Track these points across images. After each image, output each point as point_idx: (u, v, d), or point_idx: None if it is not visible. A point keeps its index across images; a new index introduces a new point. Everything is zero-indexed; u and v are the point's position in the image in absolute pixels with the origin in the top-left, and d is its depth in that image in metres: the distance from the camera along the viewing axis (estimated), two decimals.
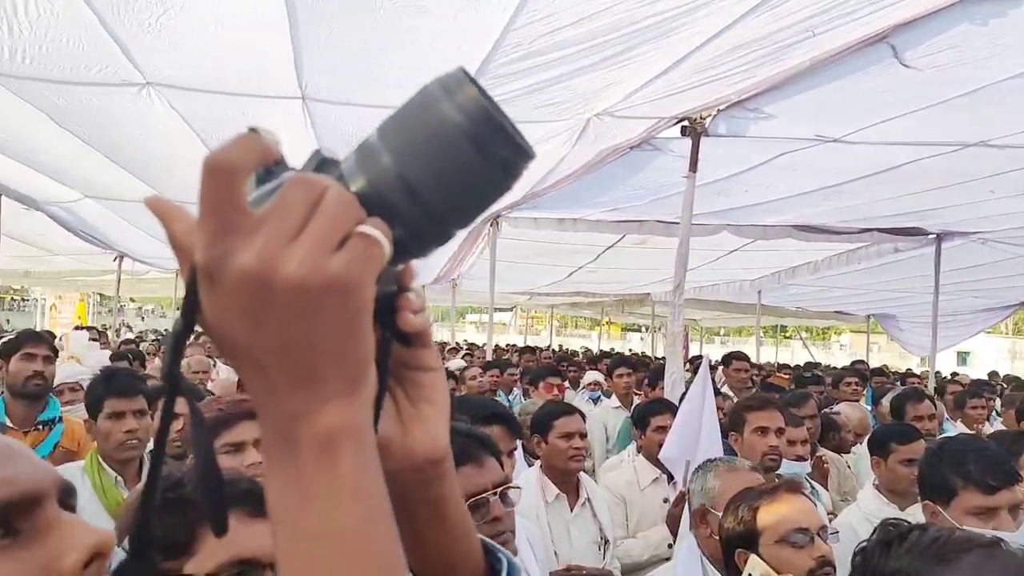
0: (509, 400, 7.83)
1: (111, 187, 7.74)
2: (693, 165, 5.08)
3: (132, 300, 43.86)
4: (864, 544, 1.33)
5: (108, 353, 5.63)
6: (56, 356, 3.57)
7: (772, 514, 2.05)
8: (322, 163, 0.60)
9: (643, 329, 33.65)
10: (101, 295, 29.00)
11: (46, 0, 3.58)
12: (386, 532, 0.57)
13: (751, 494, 2.15)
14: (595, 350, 21.49)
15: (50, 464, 0.83)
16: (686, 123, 4.94)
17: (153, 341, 15.90)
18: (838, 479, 5.00)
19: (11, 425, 3.34)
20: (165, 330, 21.82)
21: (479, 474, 1.78)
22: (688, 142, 5.03)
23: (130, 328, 25.41)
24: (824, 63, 3.83)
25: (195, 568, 1.22)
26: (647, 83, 4.26)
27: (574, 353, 19.58)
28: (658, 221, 7.96)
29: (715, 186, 6.11)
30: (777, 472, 3.46)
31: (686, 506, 2.84)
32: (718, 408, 3.94)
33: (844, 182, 6.08)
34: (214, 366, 6.73)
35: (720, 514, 2.25)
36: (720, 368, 8.11)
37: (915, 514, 2.58)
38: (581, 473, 3.27)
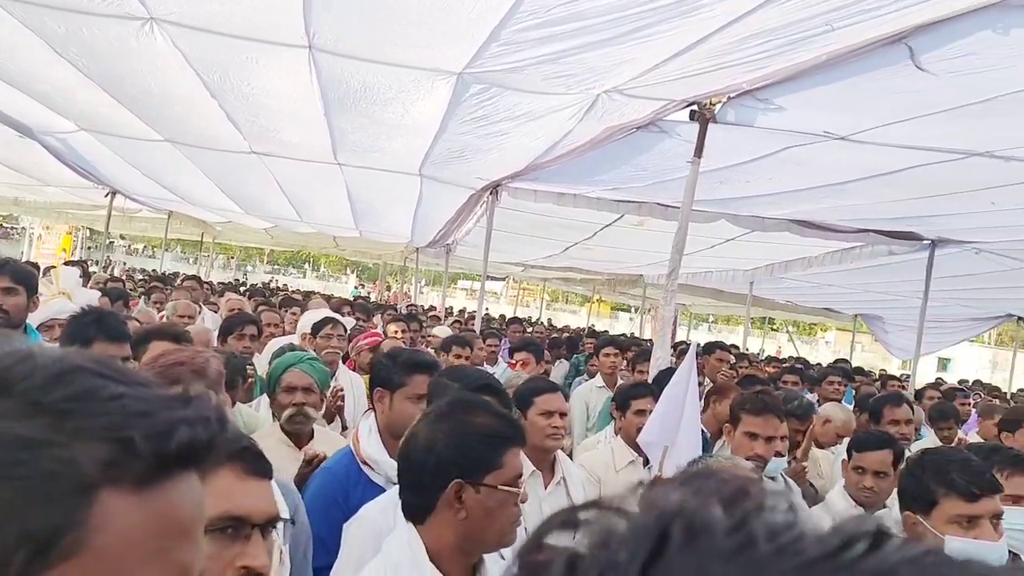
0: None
1: (108, 122, 7.65)
2: (699, 151, 5.03)
3: (123, 237, 43.69)
4: None
5: (98, 293, 5.53)
6: (28, 288, 3.47)
7: None
8: None
9: (633, 310, 33.72)
10: (91, 230, 28.82)
11: None
12: None
13: None
14: (584, 326, 21.50)
15: None
16: (695, 108, 4.89)
17: (141, 281, 15.81)
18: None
19: None
20: (153, 270, 21.71)
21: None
22: (695, 127, 4.98)
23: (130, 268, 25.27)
24: (839, 59, 3.78)
25: None
26: (660, 63, 4.20)
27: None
28: (658, 204, 7.93)
29: (718, 174, 6.07)
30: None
31: None
32: None
33: (846, 181, 6.04)
34: (200, 312, 6.68)
35: None
36: (701, 356, 8.10)
37: (882, 521, 2.58)
38: (558, 452, 3.27)
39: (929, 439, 5.80)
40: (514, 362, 6.91)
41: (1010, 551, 2.45)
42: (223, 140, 7.63)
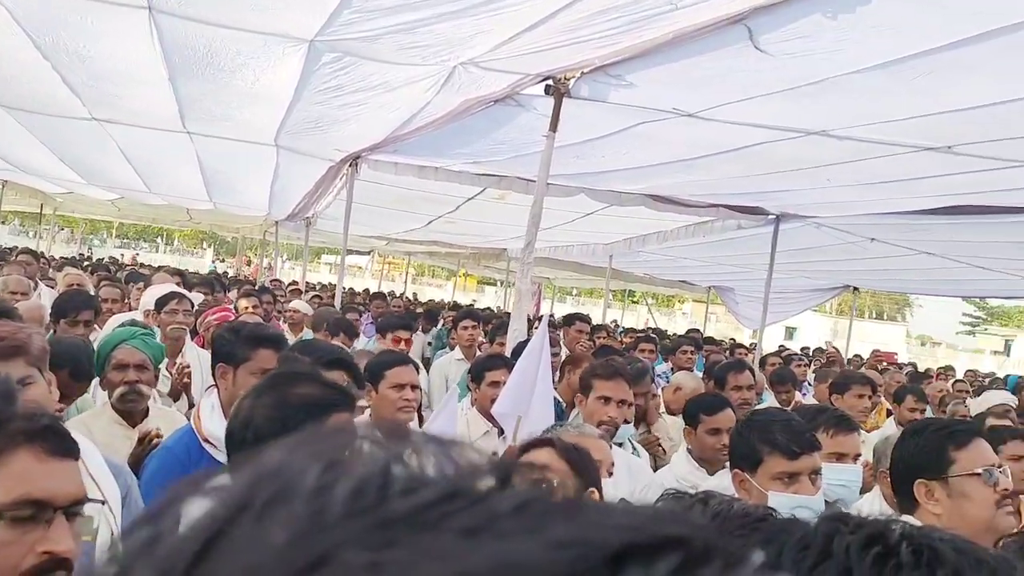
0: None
1: None
2: (554, 125, 5.09)
3: None
4: None
5: None
6: None
7: None
8: None
9: (498, 283, 33.97)
10: None
11: None
12: None
13: None
14: (449, 300, 21.54)
15: None
16: (550, 82, 4.94)
17: None
18: None
19: None
20: None
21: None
22: (551, 101, 5.03)
23: None
24: (684, 38, 3.90)
25: None
26: (514, 36, 4.21)
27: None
28: (518, 178, 7.97)
29: (575, 148, 6.16)
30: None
31: None
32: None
33: (696, 157, 6.26)
34: (35, 288, 6.27)
35: None
36: (561, 328, 8.30)
37: (721, 481, 2.73)
38: (412, 425, 3.27)
39: (770, 402, 6.15)
40: (397, 339, 6.70)
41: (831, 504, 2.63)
42: (60, 106, 7.15)
